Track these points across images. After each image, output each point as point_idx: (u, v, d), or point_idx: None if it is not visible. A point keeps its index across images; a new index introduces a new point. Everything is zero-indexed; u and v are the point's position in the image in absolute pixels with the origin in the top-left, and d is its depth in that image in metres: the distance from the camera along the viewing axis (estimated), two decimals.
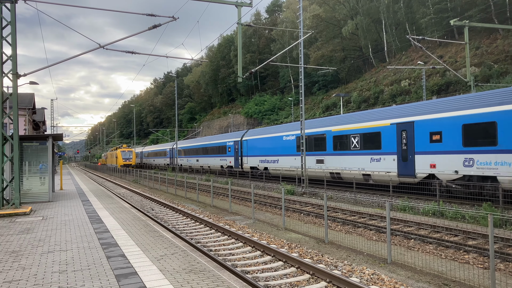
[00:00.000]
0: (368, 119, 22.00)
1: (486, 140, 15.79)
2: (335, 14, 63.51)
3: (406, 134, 19.41)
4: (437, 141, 17.87)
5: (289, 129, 29.29)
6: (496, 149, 15.28)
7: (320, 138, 25.42)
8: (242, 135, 37.08)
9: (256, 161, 33.55)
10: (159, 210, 19.15)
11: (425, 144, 18.40)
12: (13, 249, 8.35)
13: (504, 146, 15.04)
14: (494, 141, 15.46)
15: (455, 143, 17.01)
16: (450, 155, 17.24)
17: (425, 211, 15.25)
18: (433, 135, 18.09)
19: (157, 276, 6.36)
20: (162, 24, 16.49)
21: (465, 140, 16.55)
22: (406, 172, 19.33)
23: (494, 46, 41.25)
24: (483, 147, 15.82)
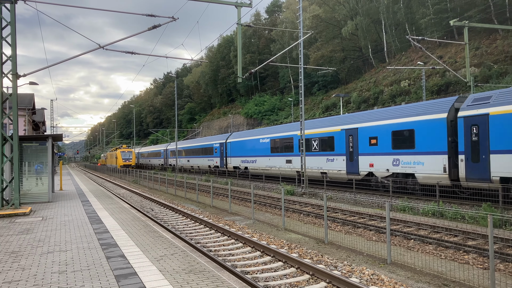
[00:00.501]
0: (325, 125, 25.29)
1: (407, 144, 19.34)
2: (335, 14, 63.54)
3: (352, 139, 22.84)
4: (374, 144, 21.27)
5: (264, 133, 32.84)
6: (414, 152, 18.98)
7: (289, 141, 28.71)
8: (227, 138, 40.19)
9: (238, 161, 36.88)
10: (159, 210, 19.15)
11: (366, 147, 21.80)
12: (12, 250, 8.35)
13: (419, 149, 18.72)
14: (412, 145, 19.03)
15: (387, 146, 20.48)
16: (383, 156, 20.74)
17: (425, 211, 15.25)
18: (371, 140, 21.50)
19: (157, 276, 6.36)
20: (162, 25, 16.50)
21: (393, 144, 20.07)
22: (352, 171, 22.70)
23: (494, 46, 41.28)
24: (406, 149, 19.39)
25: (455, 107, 17.92)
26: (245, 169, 35.48)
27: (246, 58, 76.94)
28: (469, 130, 16.66)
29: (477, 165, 16.26)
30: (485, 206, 14.16)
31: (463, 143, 16.83)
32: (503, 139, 15.36)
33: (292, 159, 28.15)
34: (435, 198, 16.93)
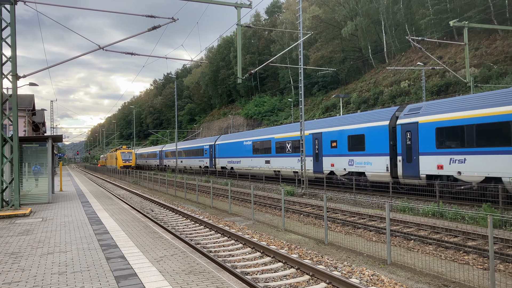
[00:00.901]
0: (296, 129, 27.76)
1: (359, 146, 22.21)
2: (335, 15, 63.58)
3: (318, 142, 25.69)
4: (335, 147, 24.21)
5: (248, 136, 35.94)
6: (364, 153, 21.89)
7: (267, 143, 31.72)
8: (215, 140, 43.34)
9: (225, 162, 40.09)
10: (159, 211, 19.15)
11: (328, 149, 24.79)
12: (12, 251, 8.35)
13: (368, 151, 21.67)
14: (363, 147, 21.96)
15: (344, 148, 23.40)
16: (341, 157, 23.62)
17: (425, 212, 15.25)
18: (332, 143, 24.44)
19: (157, 277, 6.35)
20: (162, 25, 16.51)
21: (349, 147, 23.06)
22: (318, 170, 25.58)
23: (494, 47, 41.30)
24: (358, 151, 22.24)
25: (396, 115, 20.83)
26: (231, 169, 38.46)
27: (246, 59, 76.96)
28: (404, 135, 19.63)
29: (410, 165, 19.32)
30: (485, 206, 14.16)
31: (400, 146, 19.80)
32: (428, 143, 18.40)
33: (270, 160, 31.16)
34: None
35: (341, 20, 62.30)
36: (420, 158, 18.72)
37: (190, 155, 51.30)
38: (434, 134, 18.15)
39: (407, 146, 19.47)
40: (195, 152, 48.92)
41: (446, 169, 17.55)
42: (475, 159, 16.31)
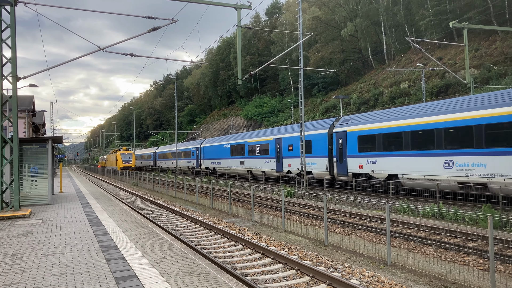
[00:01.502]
0: (264, 135, 33.10)
1: (308, 150, 26.29)
2: (335, 16, 63.60)
3: (279, 146, 30.09)
4: (291, 150, 28.53)
5: (227, 140, 40.75)
6: (312, 155, 26.20)
7: (242, 146, 36.28)
8: (201, 143, 48.09)
9: (209, 163, 44.88)
10: (159, 212, 19.14)
11: (286, 152, 29.09)
12: (12, 252, 8.34)
13: (314, 154, 26.12)
14: (311, 150, 26.29)
15: (297, 151, 26.97)
16: (296, 158, 27.64)
17: (425, 213, 15.24)
18: (289, 146, 28.74)
19: (157, 278, 6.35)
20: (162, 27, 16.52)
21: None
22: (279, 169, 30.11)
23: (493, 48, 41.33)
24: (308, 154, 26.13)
25: (333, 125, 25.10)
26: (214, 169, 43.24)
27: (245, 60, 76.99)
28: (338, 141, 24.05)
29: (342, 165, 23.73)
30: (485, 207, 14.16)
31: (335, 150, 24.27)
32: (353, 148, 22.82)
33: (244, 161, 35.84)
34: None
35: (341, 21, 62.34)
36: (348, 159, 23.30)
37: (179, 157, 55.21)
38: (357, 140, 22.56)
39: (339, 150, 24.01)
40: (184, 154, 53.63)
41: (364, 168, 22.11)
42: (382, 160, 20.84)
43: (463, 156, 16.85)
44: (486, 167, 15.86)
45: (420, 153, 18.79)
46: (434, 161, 18.08)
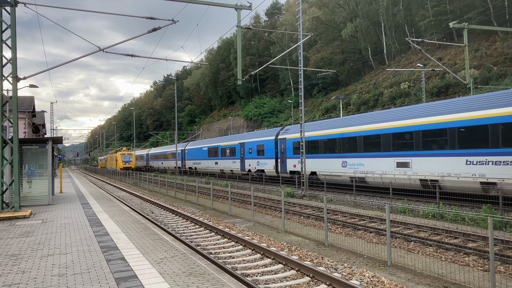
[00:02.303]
0: (232, 140, 39.59)
1: (262, 152, 32.58)
2: (335, 16, 63.60)
3: (242, 149, 36.18)
4: (251, 153, 34.65)
5: (205, 143, 47.36)
6: (264, 157, 32.38)
7: (216, 149, 42.45)
8: (185, 146, 54.61)
9: (191, 163, 51.09)
10: (159, 213, 19.14)
11: (247, 154, 35.25)
12: (12, 253, 8.35)
13: (266, 156, 32.07)
14: (263, 153, 32.46)
15: (255, 154, 33.77)
16: (253, 160, 34.25)
17: (425, 213, 15.24)
18: (249, 149, 34.91)
19: (157, 279, 6.35)
20: (162, 27, 16.52)
21: (257, 153, 33.50)
22: (242, 168, 36.16)
23: (493, 48, 41.33)
24: (262, 156, 32.59)
25: (279, 133, 31.24)
26: (195, 169, 49.53)
27: (246, 61, 77.01)
28: (281, 146, 30.10)
29: (283, 165, 29.85)
30: (485, 208, 14.16)
31: (279, 153, 30.39)
32: (290, 151, 28.83)
33: (218, 162, 41.76)
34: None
35: (341, 22, 62.33)
36: (287, 160, 29.22)
37: (167, 157, 62.43)
38: (292, 145, 28.49)
39: (281, 152, 30.08)
40: (171, 155, 59.98)
41: (297, 167, 27.85)
42: (308, 161, 26.29)
43: (352, 158, 23.19)
44: (364, 166, 22.20)
45: (329, 156, 25.11)
46: (336, 161, 24.37)
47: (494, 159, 15.68)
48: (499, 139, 15.46)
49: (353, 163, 22.89)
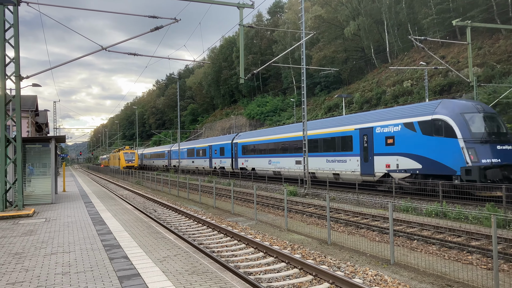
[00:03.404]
0: (203, 143, 48.76)
1: (223, 153, 41.01)
2: (337, 15, 63.47)
3: (210, 150, 45.05)
4: (216, 153, 43.26)
5: (185, 145, 56.53)
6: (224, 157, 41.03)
7: (192, 150, 52.03)
8: (171, 147, 63.78)
9: (175, 162, 59.23)
10: (162, 211, 19.17)
11: (214, 154, 44.01)
12: (16, 251, 8.37)
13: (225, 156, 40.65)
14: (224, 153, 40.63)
15: (218, 154, 42.48)
16: (217, 159, 42.92)
17: (428, 212, 15.21)
18: (215, 151, 43.64)
19: (160, 277, 6.36)
20: (164, 26, 16.52)
21: (220, 153, 42.05)
22: (211, 166, 45.05)
23: (497, 46, 41.15)
24: (223, 156, 41.11)
25: (234, 138, 39.95)
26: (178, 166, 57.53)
27: (248, 59, 76.97)
28: (234, 148, 39.05)
29: (236, 162, 38.49)
30: (488, 206, 14.12)
31: (235, 153, 38.94)
32: (240, 152, 37.48)
33: (194, 161, 51.31)
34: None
35: (344, 20, 62.20)
36: (238, 159, 38.18)
37: (157, 157, 71.51)
38: (241, 148, 37.59)
39: (235, 153, 39.03)
40: (160, 155, 69.26)
41: (244, 165, 37.03)
42: (249, 160, 36.06)
43: (273, 158, 32.14)
44: (280, 163, 30.92)
45: (261, 156, 34.05)
46: (265, 160, 33.35)
47: (337, 159, 24.47)
48: (339, 146, 24.38)
49: (274, 161, 32.02)
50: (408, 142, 19.50)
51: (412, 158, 19.28)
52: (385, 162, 20.76)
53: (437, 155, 18.20)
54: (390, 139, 20.58)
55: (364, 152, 22.30)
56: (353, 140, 23.14)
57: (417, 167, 19.05)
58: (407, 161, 19.53)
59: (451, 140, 17.68)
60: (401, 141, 19.88)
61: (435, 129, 18.38)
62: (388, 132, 20.71)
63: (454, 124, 17.68)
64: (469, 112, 18.10)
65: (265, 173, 32.83)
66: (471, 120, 17.88)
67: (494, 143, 17.59)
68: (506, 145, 17.87)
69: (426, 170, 18.55)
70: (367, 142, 22.08)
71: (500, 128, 18.49)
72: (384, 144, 20.88)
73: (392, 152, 20.44)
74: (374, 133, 21.64)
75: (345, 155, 23.70)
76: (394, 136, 20.31)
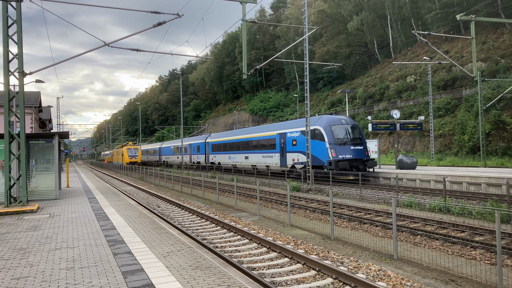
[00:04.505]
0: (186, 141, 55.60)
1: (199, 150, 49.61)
2: (340, 9, 63.22)
3: (190, 148, 52.77)
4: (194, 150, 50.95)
5: (171, 143, 65.47)
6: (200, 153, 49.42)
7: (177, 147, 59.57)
8: (161, 145, 72.68)
9: (164, 158, 68.12)
10: (165, 207, 19.22)
11: (193, 151, 51.88)
12: (21, 246, 8.42)
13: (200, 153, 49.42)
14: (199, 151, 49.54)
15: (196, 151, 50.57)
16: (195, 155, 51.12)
17: (431, 207, 15.19)
18: (193, 148, 51.45)
19: (164, 272, 6.38)
20: (167, 22, 16.48)
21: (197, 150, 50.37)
22: (191, 161, 52.40)
23: (501, 40, 40.92)
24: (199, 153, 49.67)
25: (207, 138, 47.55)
26: (166, 162, 66.42)
27: (251, 55, 76.82)
28: (206, 146, 46.70)
29: (207, 158, 46.59)
30: (491, 201, 14.09)
31: (208, 151, 46.14)
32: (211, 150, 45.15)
33: (179, 156, 58.18)
34: None
35: (347, 15, 61.96)
36: (209, 155, 45.78)
37: (150, 153, 79.57)
38: (211, 146, 45.10)
39: (206, 150, 46.68)
40: (152, 151, 77.66)
41: (213, 160, 44.46)
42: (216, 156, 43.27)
43: (232, 154, 39.61)
44: (236, 159, 38.61)
45: (223, 153, 41.76)
46: (226, 156, 41.12)
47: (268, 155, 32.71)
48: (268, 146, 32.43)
49: (232, 157, 39.86)
50: (303, 144, 26.52)
51: (304, 154, 25.79)
52: (292, 157, 28.93)
53: (316, 152, 25.99)
54: (294, 141, 28.54)
55: (281, 150, 30.38)
56: (276, 141, 31.36)
57: (306, 161, 25.20)
58: (303, 157, 26.96)
59: (322, 143, 25.73)
60: (300, 143, 27.68)
61: (315, 136, 26.09)
62: (294, 136, 28.65)
63: (324, 133, 25.80)
64: (335, 124, 26.15)
65: (226, 167, 41.21)
66: (335, 130, 25.79)
67: (349, 144, 25.68)
68: (358, 146, 25.83)
69: (312, 162, 24.88)
70: (283, 143, 30.04)
71: (356, 135, 26.56)
72: (292, 145, 28.87)
73: (295, 151, 28.37)
74: (286, 137, 29.62)
75: (272, 152, 32.14)
76: (296, 139, 28.30)
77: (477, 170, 23.71)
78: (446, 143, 38.49)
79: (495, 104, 32.89)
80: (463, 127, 35.37)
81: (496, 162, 30.47)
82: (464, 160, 33.06)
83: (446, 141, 38.50)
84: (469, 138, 34.24)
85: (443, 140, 38.77)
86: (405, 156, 27.25)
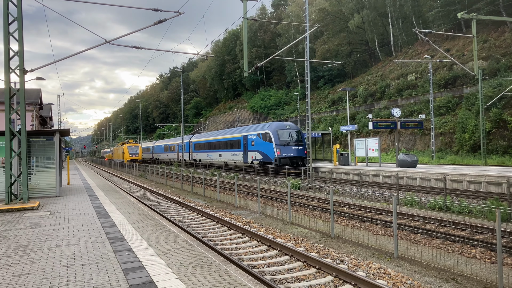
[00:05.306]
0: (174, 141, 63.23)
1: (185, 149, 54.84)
2: (341, 7, 63.10)
3: (178, 147, 58.84)
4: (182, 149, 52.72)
5: (162, 142, 72.39)
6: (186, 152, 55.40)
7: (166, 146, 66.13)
8: (154, 143, 79.24)
9: (156, 155, 74.08)
10: (166, 204, 19.24)
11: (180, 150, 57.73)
12: (21, 243, 8.43)
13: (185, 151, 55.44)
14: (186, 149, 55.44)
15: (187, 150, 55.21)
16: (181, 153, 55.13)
17: (432, 205, 15.20)
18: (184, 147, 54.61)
19: (164, 270, 6.39)
20: (168, 19, 16.47)
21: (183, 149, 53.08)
22: (179, 158, 57.45)
23: (502, 39, 40.83)
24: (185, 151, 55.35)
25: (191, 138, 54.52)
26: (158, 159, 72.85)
27: (252, 53, 76.70)
28: (190, 146, 53.74)
29: (192, 156, 53.25)
30: (491, 200, 14.09)
31: (191, 150, 53.46)
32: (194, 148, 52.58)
33: (168, 154, 65.03)
34: None
35: (348, 13, 61.85)
36: (193, 153, 52.00)
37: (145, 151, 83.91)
38: (193, 146, 52.02)
39: (190, 149, 52.98)
40: (146, 150, 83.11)
41: (195, 157, 51.47)
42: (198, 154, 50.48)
43: (209, 152, 46.39)
44: (212, 156, 45.60)
45: (203, 151, 48.17)
46: (205, 154, 47.39)
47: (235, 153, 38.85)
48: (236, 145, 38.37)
49: (209, 155, 46.53)
50: (259, 144, 33.97)
51: (260, 153, 33.94)
52: (251, 155, 35.49)
53: (267, 152, 32.97)
54: (253, 142, 35.24)
55: (244, 149, 36.81)
56: (240, 142, 37.94)
57: (261, 158, 33.95)
58: (258, 155, 34.25)
59: (271, 144, 32.41)
60: (257, 144, 34.45)
61: (266, 138, 33.16)
62: (252, 138, 35.36)
63: (272, 136, 32.47)
64: (281, 129, 32.79)
65: (205, 163, 47.48)
66: (281, 133, 32.32)
67: (291, 145, 32.24)
68: (298, 146, 32.25)
69: (264, 159, 33.34)
70: (245, 144, 36.54)
71: (298, 137, 32.97)
72: (251, 145, 35.43)
73: (254, 150, 35.03)
74: (248, 138, 36.29)
75: (238, 151, 38.54)
76: (254, 140, 34.95)
77: (477, 169, 23.70)
78: (446, 142, 38.48)
79: (496, 102, 32.86)
80: (464, 125, 35.34)
81: (496, 160, 30.46)
82: (464, 159, 33.04)
83: (447, 140, 38.49)
84: (470, 137, 34.21)
85: (444, 138, 38.75)
86: (406, 155, 27.24)
